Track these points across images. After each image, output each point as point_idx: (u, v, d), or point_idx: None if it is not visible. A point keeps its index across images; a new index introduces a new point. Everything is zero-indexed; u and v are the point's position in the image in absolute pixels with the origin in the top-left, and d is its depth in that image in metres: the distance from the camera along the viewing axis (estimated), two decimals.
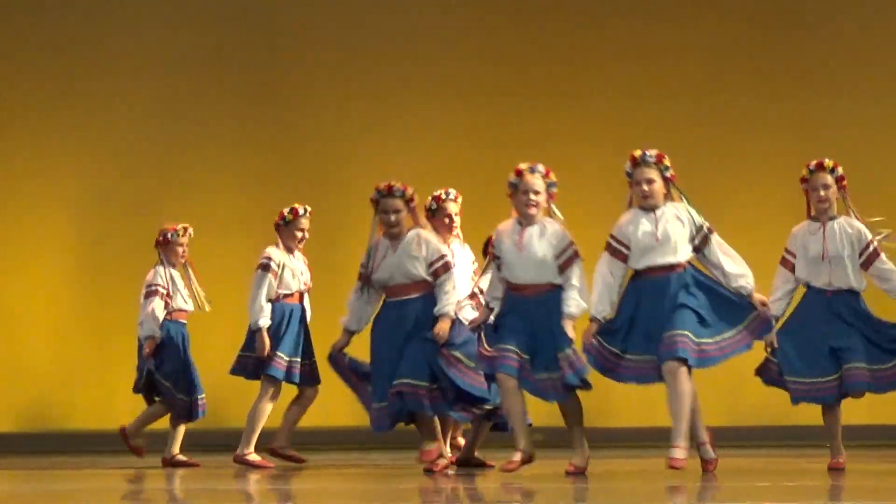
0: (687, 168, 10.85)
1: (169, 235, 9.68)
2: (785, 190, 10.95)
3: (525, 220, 7.82)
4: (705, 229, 7.65)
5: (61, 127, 13.08)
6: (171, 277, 9.73)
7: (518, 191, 7.81)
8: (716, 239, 7.68)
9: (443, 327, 8.05)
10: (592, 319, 7.64)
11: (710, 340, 7.57)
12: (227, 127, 13.21)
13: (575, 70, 13.08)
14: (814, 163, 7.89)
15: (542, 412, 10.62)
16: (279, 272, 9.57)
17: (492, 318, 7.98)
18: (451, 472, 8.52)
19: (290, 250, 9.64)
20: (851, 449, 9.41)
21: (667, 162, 7.72)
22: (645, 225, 7.63)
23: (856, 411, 10.28)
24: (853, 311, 7.87)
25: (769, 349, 7.97)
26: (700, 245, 7.63)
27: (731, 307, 7.67)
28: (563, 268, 7.77)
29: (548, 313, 7.77)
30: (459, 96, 13.17)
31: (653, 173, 7.67)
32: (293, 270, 9.63)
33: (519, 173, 7.84)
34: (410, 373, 7.99)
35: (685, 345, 7.43)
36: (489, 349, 7.88)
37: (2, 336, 11.43)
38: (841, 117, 12.60)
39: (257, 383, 9.59)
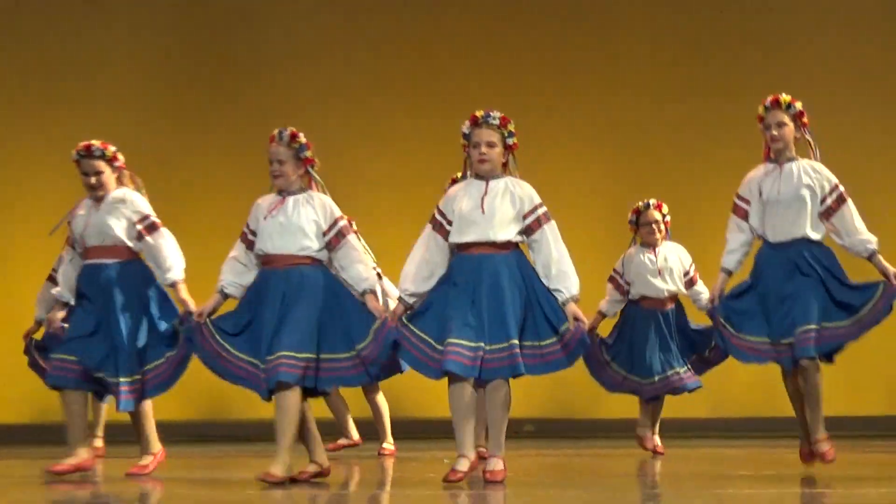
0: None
1: None
2: None
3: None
4: (540, 213, 6.81)
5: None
6: None
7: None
8: (550, 227, 6.83)
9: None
10: (400, 299, 6.91)
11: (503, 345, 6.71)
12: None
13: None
14: (769, 99, 7.14)
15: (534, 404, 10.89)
16: None
17: None
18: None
19: None
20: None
21: (511, 127, 6.89)
22: (473, 195, 6.82)
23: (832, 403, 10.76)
24: (815, 261, 7.01)
25: (713, 304, 7.25)
26: (529, 228, 6.78)
27: (549, 310, 6.82)
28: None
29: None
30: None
31: (494, 136, 6.84)
32: None
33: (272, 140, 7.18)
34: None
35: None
36: None
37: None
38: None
39: None
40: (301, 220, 6.93)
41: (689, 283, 9.03)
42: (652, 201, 8.98)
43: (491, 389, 6.69)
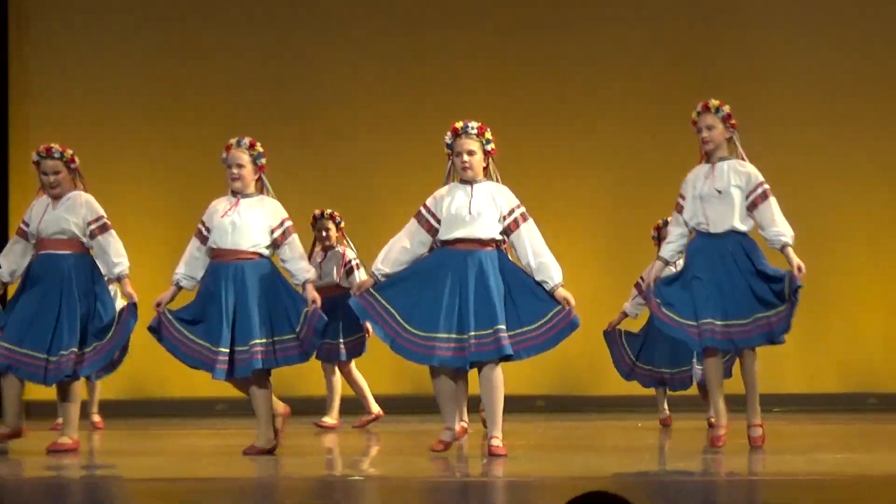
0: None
1: None
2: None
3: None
4: (517, 214, 6.87)
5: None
6: None
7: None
8: (528, 226, 6.85)
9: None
10: (371, 274, 6.92)
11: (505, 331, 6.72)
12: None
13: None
14: (700, 104, 7.01)
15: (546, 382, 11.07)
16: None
17: None
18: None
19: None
20: (791, 414, 9.76)
21: (489, 135, 6.92)
22: (460, 199, 6.84)
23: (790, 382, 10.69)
24: (740, 252, 6.91)
25: (650, 287, 7.14)
26: (509, 228, 6.82)
27: (535, 299, 6.82)
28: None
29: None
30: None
31: (474, 144, 6.87)
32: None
33: (228, 148, 7.14)
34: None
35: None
36: None
37: None
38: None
39: None
40: (253, 221, 6.97)
41: None
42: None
43: (484, 374, 6.74)
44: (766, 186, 6.84)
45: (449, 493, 5.84)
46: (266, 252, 6.99)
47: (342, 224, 9.10)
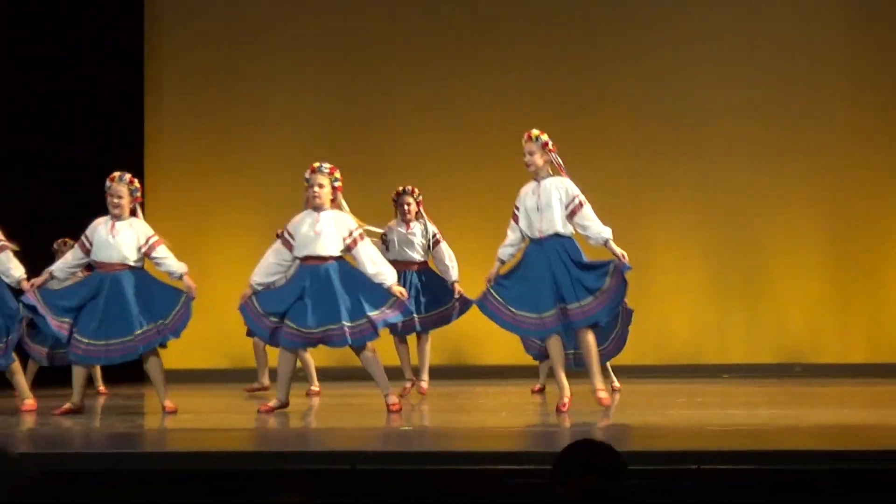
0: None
1: None
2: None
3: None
4: (356, 235, 7.01)
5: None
6: None
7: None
8: (364, 244, 7.06)
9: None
10: (250, 286, 7.01)
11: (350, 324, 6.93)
12: None
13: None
14: (525, 134, 6.97)
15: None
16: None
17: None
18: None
19: None
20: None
21: (337, 174, 7.09)
22: (307, 223, 7.00)
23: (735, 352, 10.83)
24: (563, 250, 6.88)
25: (488, 284, 7.10)
26: (349, 247, 7.00)
27: (374, 291, 6.99)
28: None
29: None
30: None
31: (324, 180, 7.02)
32: None
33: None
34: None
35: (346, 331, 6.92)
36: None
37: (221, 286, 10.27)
38: None
39: None
40: (124, 240, 7.09)
41: None
42: None
43: (362, 356, 7.02)
44: (582, 198, 6.84)
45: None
46: (136, 263, 7.11)
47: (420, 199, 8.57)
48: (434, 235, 8.38)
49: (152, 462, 4.98)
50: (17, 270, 7.30)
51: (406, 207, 8.40)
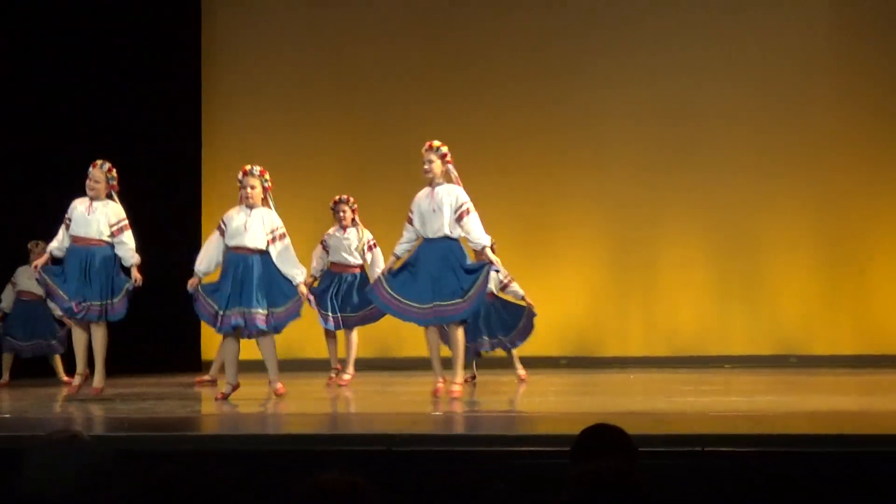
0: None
1: None
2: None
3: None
4: (278, 234, 6.99)
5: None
6: None
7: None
8: (282, 245, 7.02)
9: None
10: (195, 274, 7.02)
11: (263, 311, 6.95)
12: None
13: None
14: (426, 143, 6.94)
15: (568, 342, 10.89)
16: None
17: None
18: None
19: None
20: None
21: (267, 176, 7.10)
22: (241, 218, 6.97)
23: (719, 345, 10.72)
24: (450, 251, 6.85)
25: (382, 275, 7.09)
26: (269, 242, 6.99)
27: (285, 288, 6.99)
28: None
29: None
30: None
31: (255, 181, 7.01)
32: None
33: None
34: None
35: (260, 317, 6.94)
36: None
37: None
38: None
39: None
40: (99, 217, 7.13)
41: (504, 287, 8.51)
42: None
43: (259, 341, 7.00)
44: (470, 206, 6.80)
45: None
46: (108, 241, 7.16)
47: (356, 207, 8.41)
48: (368, 241, 8.27)
49: (212, 443, 5.05)
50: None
51: (342, 215, 8.30)
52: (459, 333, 6.86)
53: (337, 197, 8.41)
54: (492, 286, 7.58)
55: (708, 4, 10.96)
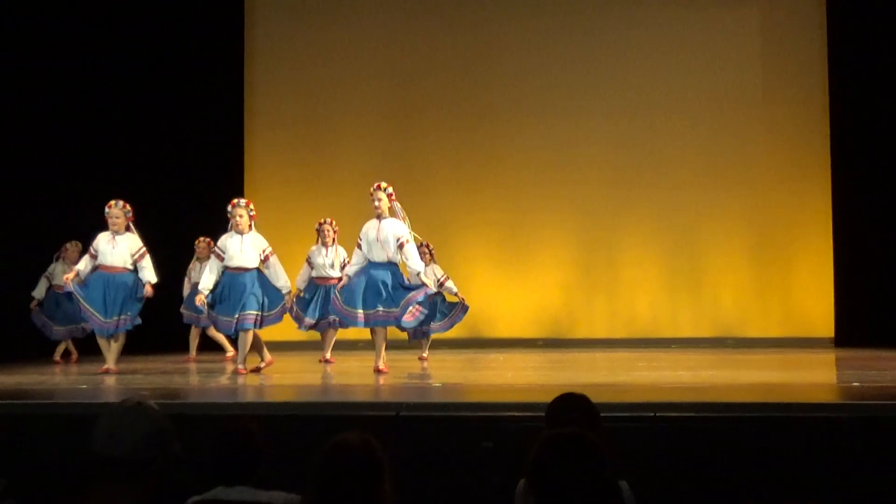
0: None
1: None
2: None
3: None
4: (268, 253, 7.00)
5: None
6: None
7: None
8: (273, 260, 7.02)
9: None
10: (201, 292, 6.96)
11: (254, 313, 6.92)
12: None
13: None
14: (374, 185, 6.90)
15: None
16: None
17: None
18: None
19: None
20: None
21: (252, 206, 7.04)
22: (235, 244, 6.95)
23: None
24: (390, 274, 6.84)
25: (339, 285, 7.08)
26: (262, 260, 7.00)
27: (273, 296, 7.00)
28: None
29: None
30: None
31: (242, 212, 6.96)
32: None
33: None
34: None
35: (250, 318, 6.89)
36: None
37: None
38: None
39: None
40: (123, 249, 7.11)
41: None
42: None
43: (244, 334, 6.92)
44: (407, 237, 6.80)
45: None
46: (131, 267, 7.15)
47: (336, 230, 8.27)
48: (344, 259, 8.08)
49: (255, 409, 5.01)
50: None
51: (325, 234, 8.16)
52: (383, 333, 6.98)
53: (322, 220, 8.26)
54: (431, 284, 7.42)
55: (661, 54, 10.86)
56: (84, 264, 7.23)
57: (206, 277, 6.99)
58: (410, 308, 6.81)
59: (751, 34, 10.67)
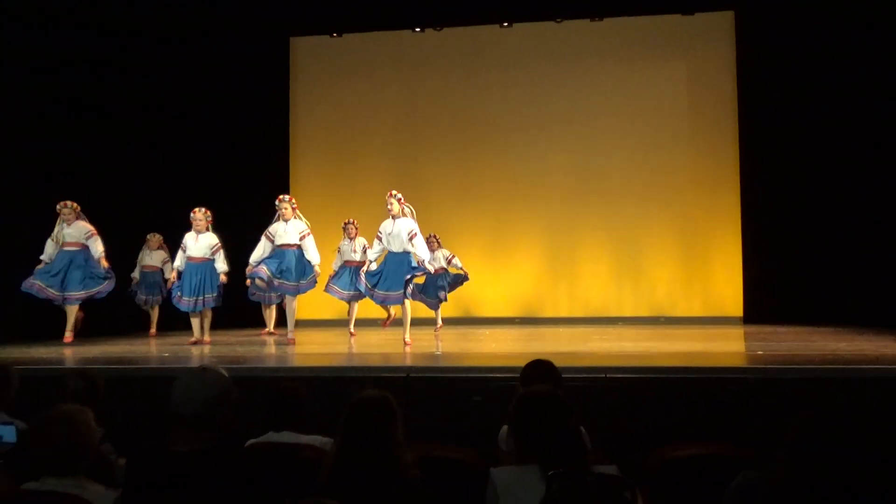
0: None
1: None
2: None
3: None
4: (304, 234, 6.74)
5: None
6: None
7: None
8: (307, 242, 6.74)
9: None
10: (250, 265, 6.76)
11: (294, 283, 6.70)
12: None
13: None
14: (389, 192, 6.77)
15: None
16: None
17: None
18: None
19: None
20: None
21: (294, 202, 6.84)
22: (281, 227, 6.75)
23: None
24: (404, 262, 6.66)
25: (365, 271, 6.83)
26: (299, 240, 6.78)
27: (307, 269, 6.75)
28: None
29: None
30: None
31: (287, 206, 6.75)
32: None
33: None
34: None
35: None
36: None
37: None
38: None
39: None
40: (203, 245, 6.96)
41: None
42: None
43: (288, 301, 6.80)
44: (416, 231, 6.64)
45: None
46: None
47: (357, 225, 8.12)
48: (364, 245, 7.98)
49: (301, 372, 4.91)
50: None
51: (349, 230, 8.09)
52: (408, 306, 6.78)
53: (347, 220, 8.20)
54: (443, 263, 7.35)
55: (608, 100, 10.67)
56: (179, 260, 7.15)
57: (255, 253, 6.85)
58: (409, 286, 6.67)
59: (679, 84, 10.57)
